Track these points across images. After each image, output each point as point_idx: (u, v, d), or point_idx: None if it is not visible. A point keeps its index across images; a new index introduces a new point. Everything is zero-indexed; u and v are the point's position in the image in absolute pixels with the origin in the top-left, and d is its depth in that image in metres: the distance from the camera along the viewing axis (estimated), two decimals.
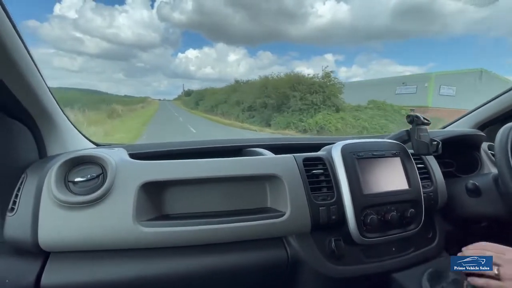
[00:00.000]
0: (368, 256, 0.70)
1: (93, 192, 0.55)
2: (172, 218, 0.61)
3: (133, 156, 0.69)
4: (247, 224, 0.61)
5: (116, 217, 0.55)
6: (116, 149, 0.70)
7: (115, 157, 0.61)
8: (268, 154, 0.76)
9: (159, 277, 0.58)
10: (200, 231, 0.58)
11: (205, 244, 0.61)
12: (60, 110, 0.69)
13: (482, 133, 0.96)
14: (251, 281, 0.66)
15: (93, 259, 0.56)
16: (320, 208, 0.65)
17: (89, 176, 0.57)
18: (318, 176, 0.69)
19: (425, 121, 0.78)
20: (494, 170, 0.82)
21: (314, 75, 12.33)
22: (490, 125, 1.06)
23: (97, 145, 0.83)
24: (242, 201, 0.67)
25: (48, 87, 0.62)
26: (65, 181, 0.56)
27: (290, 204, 0.63)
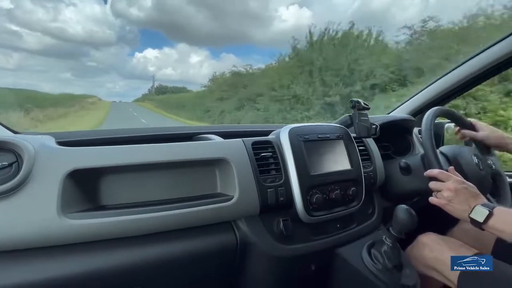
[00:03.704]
0: (315, 234, 0.74)
1: (4, 183, 0.47)
2: (110, 209, 0.56)
3: (63, 143, 0.61)
4: (193, 210, 0.58)
5: (35, 210, 0.48)
6: (41, 136, 0.61)
7: (35, 143, 0.53)
8: (218, 139, 0.74)
9: (97, 273, 0.52)
10: (140, 220, 0.54)
11: (147, 234, 0.57)
12: None
13: (413, 118, 1.08)
14: (201, 267, 0.65)
15: (9, 260, 0.48)
16: (269, 190, 0.65)
17: None
18: (267, 159, 0.69)
19: (366, 106, 0.85)
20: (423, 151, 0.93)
21: None
22: (421, 112, 1.20)
23: (18, 133, 0.72)
24: (191, 188, 0.65)
25: None
26: None
27: (238, 187, 0.63)
